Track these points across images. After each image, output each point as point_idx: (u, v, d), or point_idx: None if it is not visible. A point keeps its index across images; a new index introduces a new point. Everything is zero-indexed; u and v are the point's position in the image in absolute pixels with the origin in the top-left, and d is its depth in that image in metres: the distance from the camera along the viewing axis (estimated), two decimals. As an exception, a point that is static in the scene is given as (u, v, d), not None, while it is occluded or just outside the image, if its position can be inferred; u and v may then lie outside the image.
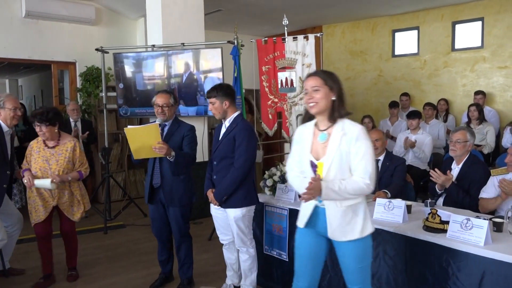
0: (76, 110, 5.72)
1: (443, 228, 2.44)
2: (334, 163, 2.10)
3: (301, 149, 2.25)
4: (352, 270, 2.21)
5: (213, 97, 3.04)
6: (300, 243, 2.34)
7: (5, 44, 6.22)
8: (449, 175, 3.29)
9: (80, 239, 4.91)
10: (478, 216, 2.54)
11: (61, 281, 3.77)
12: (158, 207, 3.41)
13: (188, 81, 5.47)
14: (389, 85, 7.90)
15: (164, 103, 3.27)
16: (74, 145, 3.55)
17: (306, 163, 2.20)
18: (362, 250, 2.18)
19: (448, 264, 2.33)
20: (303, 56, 4.85)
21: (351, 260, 2.19)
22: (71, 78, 6.90)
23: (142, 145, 3.10)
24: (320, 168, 2.14)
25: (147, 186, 3.39)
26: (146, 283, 3.63)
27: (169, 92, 3.42)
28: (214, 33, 7.59)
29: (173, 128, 3.34)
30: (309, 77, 2.18)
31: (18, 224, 3.81)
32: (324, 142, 2.15)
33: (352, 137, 2.08)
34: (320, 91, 2.10)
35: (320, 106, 2.11)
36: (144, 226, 5.45)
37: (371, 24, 8.12)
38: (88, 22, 6.77)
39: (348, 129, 2.11)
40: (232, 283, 3.41)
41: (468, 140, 3.36)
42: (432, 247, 2.41)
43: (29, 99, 11.46)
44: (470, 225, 2.31)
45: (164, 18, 5.43)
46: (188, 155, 3.27)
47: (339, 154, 2.09)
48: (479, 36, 6.92)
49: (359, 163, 2.08)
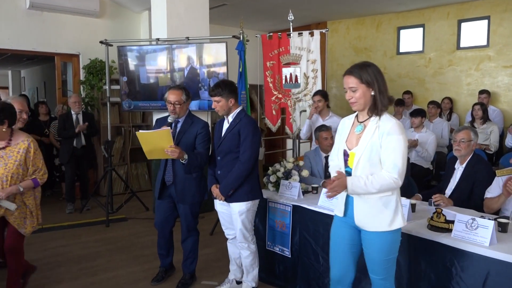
0: (77, 102, 5.71)
1: (448, 228, 2.44)
2: (364, 155, 2.11)
3: (340, 139, 2.29)
4: (376, 262, 2.20)
5: (219, 95, 3.03)
6: (334, 232, 2.36)
7: (9, 35, 6.21)
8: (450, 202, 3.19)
9: (81, 232, 5.01)
10: (483, 216, 2.54)
11: (65, 276, 3.76)
12: (167, 201, 3.42)
13: (190, 75, 5.44)
14: (393, 83, 7.86)
15: (176, 100, 3.23)
16: (28, 146, 3.04)
17: (340, 152, 2.24)
18: (388, 243, 2.16)
19: (452, 263, 2.32)
20: (308, 52, 4.83)
21: (376, 251, 2.18)
22: (74, 70, 6.87)
23: (155, 147, 3.09)
24: (352, 158, 2.16)
25: (159, 182, 3.38)
26: (147, 277, 3.66)
27: (181, 88, 3.36)
28: (218, 28, 7.58)
29: (186, 125, 3.31)
30: (345, 76, 2.17)
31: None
32: (359, 133, 2.17)
33: (384, 131, 2.08)
34: (357, 90, 2.12)
35: (360, 105, 2.14)
36: (146, 219, 5.46)
37: (376, 21, 8.08)
38: (92, 14, 6.74)
39: (382, 123, 2.11)
40: (234, 278, 3.42)
41: (472, 140, 3.36)
42: (436, 246, 2.40)
43: (31, 91, 11.43)
44: (475, 225, 2.30)
45: (169, 11, 5.40)
46: (201, 155, 3.25)
47: (370, 146, 2.10)
48: (485, 35, 6.88)
49: (388, 157, 2.07)
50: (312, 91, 4.83)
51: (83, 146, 5.76)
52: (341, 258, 2.32)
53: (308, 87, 4.86)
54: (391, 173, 2.06)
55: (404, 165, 2.07)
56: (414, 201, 2.96)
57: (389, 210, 2.14)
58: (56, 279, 3.67)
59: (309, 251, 3.17)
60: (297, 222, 3.27)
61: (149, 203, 5.97)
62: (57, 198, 6.61)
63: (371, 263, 2.23)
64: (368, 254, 2.22)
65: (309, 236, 3.15)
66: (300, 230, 3.24)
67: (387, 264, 2.19)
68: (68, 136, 5.66)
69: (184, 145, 3.19)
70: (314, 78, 4.83)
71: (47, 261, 4.05)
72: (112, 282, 3.62)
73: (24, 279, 3.42)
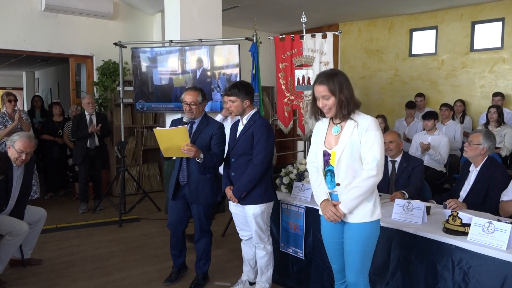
0: (91, 103, 5.79)
1: (464, 231, 2.43)
2: (345, 152, 2.25)
3: (317, 141, 2.42)
4: (353, 253, 2.31)
5: (234, 95, 3.05)
6: (324, 231, 2.49)
7: (25, 37, 6.30)
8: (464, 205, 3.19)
9: (95, 232, 5.06)
10: (499, 219, 2.52)
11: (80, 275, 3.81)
12: (181, 202, 3.44)
13: (202, 76, 5.48)
14: (405, 85, 7.85)
15: (192, 101, 3.26)
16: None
17: (320, 153, 2.37)
18: (367, 234, 2.29)
19: (468, 267, 2.32)
20: (321, 54, 4.84)
21: (354, 242, 2.30)
22: (88, 71, 6.96)
23: (171, 145, 3.13)
24: (333, 157, 2.30)
25: (173, 183, 3.41)
26: (160, 277, 3.68)
27: (198, 89, 3.38)
28: (230, 29, 7.61)
29: (202, 126, 3.34)
30: (316, 85, 2.30)
31: (43, 219, 3.96)
32: (337, 134, 2.31)
33: (363, 128, 2.23)
34: (330, 98, 2.25)
35: (333, 111, 2.28)
36: (158, 220, 5.51)
37: (388, 23, 8.06)
38: (106, 16, 6.81)
39: (360, 121, 2.26)
40: (247, 279, 3.43)
41: (481, 144, 3.33)
42: (452, 249, 2.40)
43: (45, 92, 11.58)
44: (492, 228, 2.29)
45: (182, 13, 5.44)
46: (216, 155, 3.27)
47: (350, 143, 2.24)
48: (499, 37, 6.83)
49: (368, 152, 2.22)
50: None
51: (96, 146, 5.82)
52: (337, 255, 2.45)
53: (321, 89, 4.88)
54: (370, 165, 2.21)
55: (382, 157, 2.23)
56: (429, 204, 2.96)
57: (369, 203, 2.29)
58: (71, 278, 3.72)
59: (323, 253, 3.12)
60: (310, 224, 3.27)
61: (161, 204, 6.02)
62: (70, 198, 6.70)
63: (348, 256, 2.35)
64: (347, 245, 2.34)
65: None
66: (313, 231, 3.24)
67: (363, 257, 2.32)
68: (81, 137, 5.73)
69: (199, 145, 3.21)
70: (327, 80, 4.84)
71: (61, 260, 4.11)
72: (126, 282, 3.65)
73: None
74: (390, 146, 3.82)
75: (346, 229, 2.35)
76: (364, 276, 2.36)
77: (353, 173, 2.26)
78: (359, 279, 2.34)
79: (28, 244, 3.90)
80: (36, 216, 3.89)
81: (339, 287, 2.54)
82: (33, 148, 3.64)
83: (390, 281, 2.72)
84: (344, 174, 2.27)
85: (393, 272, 2.70)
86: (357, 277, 2.34)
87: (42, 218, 3.95)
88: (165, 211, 5.77)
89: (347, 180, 2.27)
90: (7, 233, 3.48)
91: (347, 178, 2.27)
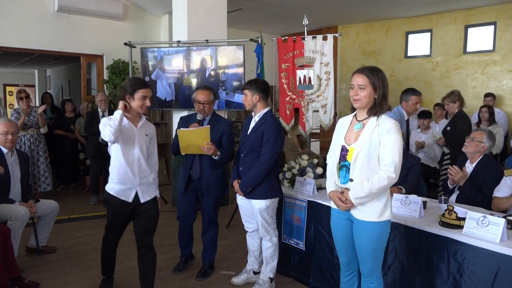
0: (104, 101, 5.96)
1: (459, 225, 2.49)
2: (363, 150, 2.26)
3: (338, 136, 2.45)
4: (365, 250, 2.34)
5: (247, 88, 3.16)
6: (333, 225, 2.53)
7: (38, 37, 6.52)
8: (465, 172, 3.42)
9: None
10: (492, 214, 2.58)
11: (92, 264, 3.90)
12: (190, 196, 3.57)
13: (210, 76, 5.71)
14: (401, 85, 8.03)
15: (205, 100, 3.39)
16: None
17: (338, 148, 2.39)
18: (377, 233, 2.30)
19: (463, 259, 2.39)
20: (322, 55, 5.00)
21: (365, 240, 2.32)
22: (98, 70, 7.17)
23: (191, 144, 3.27)
24: (351, 153, 2.30)
25: (185, 177, 3.51)
26: (169, 266, 3.82)
27: (209, 88, 3.49)
28: (234, 31, 7.81)
29: (212, 123, 3.44)
30: (356, 74, 2.32)
31: (55, 211, 4.11)
32: (358, 131, 2.32)
33: (383, 129, 2.24)
34: (365, 89, 2.27)
35: (362, 103, 2.30)
36: (165, 212, 5.59)
37: (385, 25, 8.31)
38: (116, 17, 7.04)
39: (382, 122, 2.27)
40: (252, 269, 3.53)
41: (483, 142, 3.42)
42: (448, 242, 2.47)
43: (56, 89, 11.76)
44: (486, 222, 2.35)
45: (189, 15, 5.65)
46: (229, 152, 3.43)
47: (369, 142, 2.25)
48: (491, 40, 7.07)
49: (386, 154, 2.22)
50: (325, 93, 5.04)
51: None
52: (345, 249, 2.48)
53: (321, 89, 5.07)
54: (388, 167, 2.22)
55: (400, 160, 2.23)
56: (425, 199, 3.02)
57: (380, 203, 2.29)
58: (84, 266, 3.85)
59: (324, 244, 3.27)
60: (311, 217, 3.37)
61: (167, 197, 6.19)
62: (81, 190, 6.87)
63: (361, 253, 2.37)
64: (358, 243, 2.36)
65: (324, 230, 3.25)
66: (314, 224, 3.34)
67: (375, 253, 2.34)
68: (93, 132, 5.87)
69: (212, 142, 3.32)
70: (326, 80, 5.02)
71: (75, 249, 4.26)
72: (136, 270, 3.59)
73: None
74: None
75: (355, 226, 2.36)
76: (378, 269, 2.39)
77: (368, 172, 2.26)
78: (372, 272, 2.39)
79: (43, 233, 4.05)
80: (48, 208, 4.03)
81: (344, 278, 2.58)
82: (15, 128, 3.85)
83: (388, 271, 2.80)
84: (359, 171, 2.27)
85: (391, 264, 2.79)
86: (371, 271, 2.38)
87: (55, 210, 4.09)
88: (172, 203, 5.98)
89: (360, 177, 2.27)
90: (8, 219, 3.60)
91: (361, 176, 2.27)
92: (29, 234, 4.03)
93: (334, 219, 2.52)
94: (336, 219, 2.49)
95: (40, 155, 5.59)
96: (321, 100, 5.06)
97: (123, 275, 3.71)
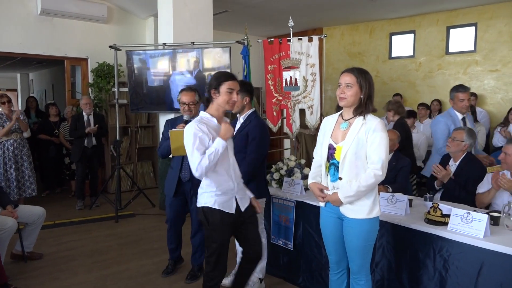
0: (88, 104, 5.92)
1: (444, 221, 2.54)
2: (351, 148, 2.30)
3: (323, 135, 2.48)
4: (355, 248, 2.38)
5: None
6: (323, 223, 2.56)
7: (21, 40, 6.43)
8: (448, 170, 3.49)
9: (93, 227, 5.13)
10: (475, 210, 2.64)
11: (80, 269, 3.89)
12: (180, 199, 3.56)
13: (196, 78, 5.70)
14: (385, 86, 8.19)
15: (190, 101, 3.40)
16: None
17: (325, 146, 2.43)
18: (367, 230, 2.35)
19: (448, 254, 2.45)
20: (307, 56, 5.05)
21: (355, 237, 2.36)
22: (83, 73, 7.10)
23: (183, 145, 3.29)
24: (338, 152, 2.35)
25: (175, 180, 3.49)
26: (158, 269, 3.82)
27: (193, 89, 3.49)
28: (220, 33, 7.82)
29: None
30: (345, 73, 2.36)
31: (42, 217, 4.05)
32: (345, 129, 2.37)
33: (370, 128, 2.29)
34: (352, 88, 2.32)
35: (348, 101, 2.34)
36: (153, 215, 5.65)
37: (369, 27, 8.41)
38: (100, 20, 6.98)
39: (368, 121, 2.32)
40: None
41: (464, 141, 3.49)
42: (433, 238, 2.52)
43: (39, 93, 11.61)
44: (470, 218, 2.40)
45: (175, 17, 5.65)
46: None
47: (356, 140, 2.30)
48: (472, 41, 7.22)
49: (373, 152, 2.27)
50: (311, 94, 5.09)
51: (93, 145, 5.96)
52: (334, 247, 2.52)
53: (307, 90, 5.12)
54: (375, 165, 2.27)
55: (387, 158, 2.28)
56: (411, 197, 3.06)
57: (369, 200, 2.34)
58: (71, 271, 3.81)
59: (312, 244, 3.29)
60: (300, 217, 3.39)
61: (155, 200, 6.17)
62: (66, 195, 6.79)
63: (350, 250, 2.41)
64: (348, 241, 2.40)
65: (312, 230, 3.27)
66: (303, 224, 3.36)
67: (364, 250, 2.38)
68: (78, 136, 5.86)
69: None
70: (312, 81, 5.07)
71: (61, 255, 4.21)
72: (125, 274, 3.75)
73: None
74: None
75: (345, 224, 2.40)
76: (366, 266, 2.44)
77: (356, 170, 2.30)
78: (361, 269, 2.43)
79: (29, 239, 3.99)
80: (35, 214, 3.98)
81: (333, 276, 2.60)
82: None
83: (375, 269, 2.83)
84: (347, 169, 2.31)
85: (378, 261, 2.82)
86: (360, 268, 2.43)
87: (41, 216, 4.03)
88: (160, 207, 5.96)
89: (349, 175, 2.31)
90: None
91: (350, 174, 2.31)
92: (15, 240, 3.97)
93: (323, 218, 2.54)
94: (325, 218, 2.52)
95: (24, 160, 5.51)
96: (307, 101, 5.10)
97: (112, 280, 3.68)
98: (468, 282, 2.36)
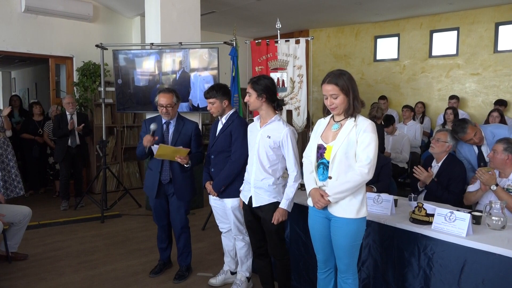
0: (71, 103, 5.83)
1: (428, 221, 2.60)
2: (341, 148, 2.35)
3: (314, 136, 2.53)
4: (342, 247, 2.42)
5: (213, 97, 3.16)
6: (311, 223, 2.59)
7: (4, 38, 6.32)
8: (430, 172, 3.57)
9: (78, 228, 5.08)
10: (458, 209, 2.70)
11: (66, 270, 3.87)
12: (162, 200, 3.56)
13: (181, 78, 5.67)
14: (370, 88, 8.31)
15: (168, 103, 3.36)
16: None
17: (314, 146, 2.47)
18: (354, 230, 2.39)
19: (433, 253, 2.51)
20: (295, 58, 5.12)
21: (342, 236, 2.40)
22: (68, 72, 7.00)
23: (167, 154, 3.33)
24: (329, 151, 2.39)
25: (155, 182, 3.48)
26: (145, 270, 3.81)
27: (171, 90, 3.46)
28: (207, 34, 7.83)
29: (179, 126, 3.47)
30: (325, 84, 2.39)
31: (28, 216, 4.01)
32: (336, 130, 2.41)
33: (360, 129, 2.34)
34: (338, 97, 2.36)
35: (340, 109, 2.39)
36: (139, 215, 5.63)
37: (354, 30, 8.53)
38: (86, 19, 6.90)
39: (359, 122, 2.37)
40: (229, 269, 3.56)
41: (447, 142, 3.60)
42: (418, 237, 2.57)
43: (22, 91, 11.39)
44: (453, 217, 2.47)
45: (162, 17, 5.62)
46: (198, 156, 3.48)
47: (347, 141, 2.34)
48: (454, 45, 7.39)
49: (362, 151, 2.32)
50: (298, 95, 5.15)
51: (77, 145, 5.88)
52: (322, 247, 2.55)
53: (294, 91, 5.18)
54: (362, 163, 2.31)
55: (375, 158, 2.32)
56: (396, 197, 3.09)
57: (357, 200, 2.37)
58: (57, 272, 3.78)
59: (300, 243, 3.30)
60: (288, 217, 3.41)
61: (141, 200, 6.14)
62: (50, 195, 6.71)
63: (338, 249, 2.45)
64: (336, 240, 2.44)
65: (299, 229, 3.28)
66: (290, 224, 3.35)
67: (352, 250, 2.42)
68: (62, 135, 5.76)
69: (181, 145, 3.37)
70: (299, 83, 5.14)
71: (47, 256, 4.17)
72: (112, 274, 3.73)
73: None
74: None
75: (332, 223, 2.44)
76: (354, 265, 2.48)
77: (345, 169, 2.34)
78: (349, 268, 2.47)
79: (14, 239, 3.95)
80: (21, 214, 3.94)
81: (321, 275, 2.64)
82: None
83: (362, 267, 2.86)
84: (337, 168, 2.35)
85: (365, 260, 2.86)
86: (347, 267, 2.46)
87: (27, 216, 3.99)
88: (146, 207, 5.93)
89: (338, 175, 2.35)
90: None
91: (339, 173, 2.35)
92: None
93: (312, 217, 2.58)
94: (314, 218, 2.55)
95: (10, 159, 5.42)
96: (295, 102, 5.16)
97: (99, 280, 3.67)
98: (451, 279, 2.41)
